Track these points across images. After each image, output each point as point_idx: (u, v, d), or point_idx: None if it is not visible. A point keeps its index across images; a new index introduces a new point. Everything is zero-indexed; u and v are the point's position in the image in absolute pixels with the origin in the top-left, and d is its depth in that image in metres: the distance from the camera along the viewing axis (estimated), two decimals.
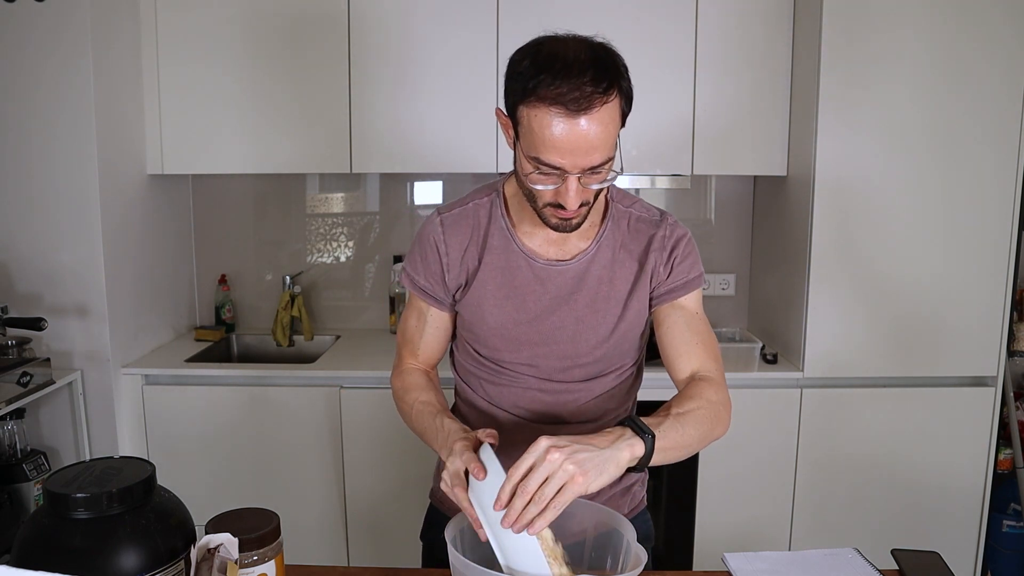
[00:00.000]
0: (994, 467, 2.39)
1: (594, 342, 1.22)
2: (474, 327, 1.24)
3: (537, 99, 0.99)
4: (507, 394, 1.26)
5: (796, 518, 2.40)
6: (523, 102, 1.01)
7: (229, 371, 2.42)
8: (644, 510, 1.37)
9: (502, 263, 1.21)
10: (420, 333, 1.29)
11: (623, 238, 1.22)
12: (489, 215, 1.23)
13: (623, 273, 1.22)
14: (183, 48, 2.43)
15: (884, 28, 2.18)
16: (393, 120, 2.44)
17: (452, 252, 1.22)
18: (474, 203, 1.24)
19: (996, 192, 2.25)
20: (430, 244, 1.23)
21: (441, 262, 1.23)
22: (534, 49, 1.03)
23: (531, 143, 1.02)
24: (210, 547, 0.86)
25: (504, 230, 1.21)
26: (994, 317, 2.31)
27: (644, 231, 1.23)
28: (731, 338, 2.53)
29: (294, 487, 2.39)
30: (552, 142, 1.00)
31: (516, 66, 1.03)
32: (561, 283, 1.20)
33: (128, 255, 2.39)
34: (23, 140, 2.19)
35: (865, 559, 1.22)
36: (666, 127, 2.44)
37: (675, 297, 1.22)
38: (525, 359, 1.23)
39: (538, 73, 0.99)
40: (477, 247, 1.22)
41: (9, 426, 2.15)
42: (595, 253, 1.21)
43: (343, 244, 2.90)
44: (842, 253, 2.28)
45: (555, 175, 1.03)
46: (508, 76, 1.05)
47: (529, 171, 1.05)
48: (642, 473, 1.35)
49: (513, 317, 1.21)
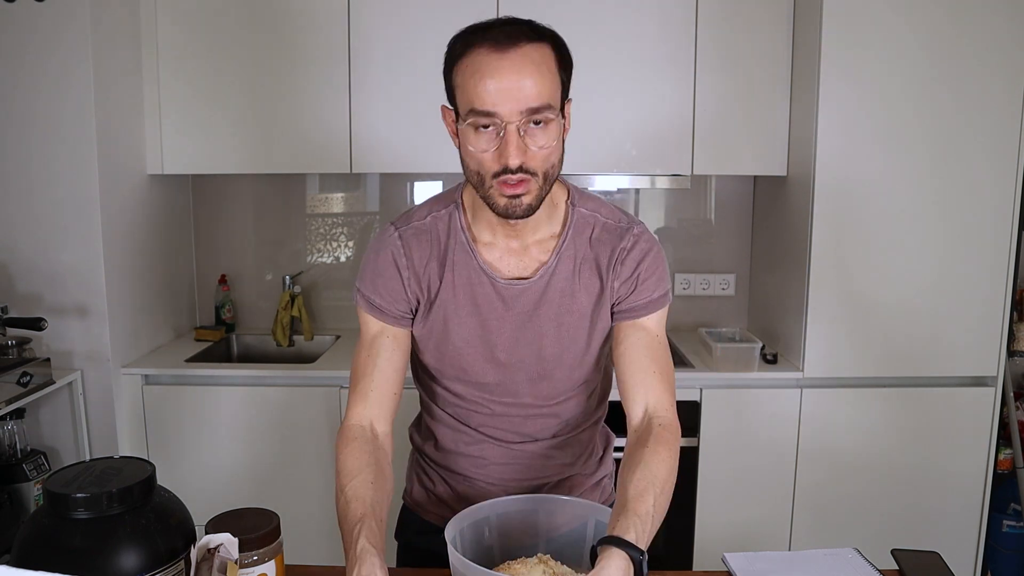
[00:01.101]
0: (994, 467, 2.39)
1: (562, 358, 1.18)
2: (440, 346, 1.18)
3: (467, 48, 1.01)
4: (474, 416, 1.24)
5: (796, 518, 2.40)
6: (455, 64, 1.03)
7: (229, 371, 2.42)
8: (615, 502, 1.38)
9: (463, 280, 1.15)
10: (372, 365, 1.16)
11: (585, 249, 1.16)
12: (448, 229, 1.17)
13: (585, 284, 1.16)
14: (183, 48, 2.43)
15: (884, 28, 2.18)
16: (393, 120, 2.44)
17: (414, 266, 1.16)
18: (432, 216, 1.18)
19: (996, 192, 2.25)
20: (387, 260, 1.16)
21: (401, 276, 1.16)
22: (463, 28, 1.06)
23: (465, 97, 1.01)
24: (210, 547, 0.86)
25: (464, 244, 1.15)
26: (994, 317, 2.31)
27: (608, 242, 1.16)
28: (731, 338, 2.52)
29: (294, 487, 2.39)
30: (483, 85, 0.98)
31: (448, 47, 1.06)
32: (524, 301, 1.16)
33: (128, 255, 2.39)
34: (23, 140, 2.19)
35: (865, 559, 1.22)
36: (666, 127, 2.44)
37: (637, 316, 1.16)
38: (492, 378, 1.19)
39: (465, 35, 1.03)
40: (438, 262, 1.16)
41: (9, 426, 2.15)
42: (555, 266, 1.15)
43: (343, 244, 2.91)
44: (842, 253, 2.28)
45: (493, 130, 1.00)
46: (444, 62, 1.06)
47: (468, 135, 1.02)
48: (611, 468, 1.38)
49: (479, 334, 1.16)
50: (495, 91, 0.98)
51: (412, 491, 1.38)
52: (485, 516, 1.10)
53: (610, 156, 2.45)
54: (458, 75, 1.02)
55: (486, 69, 0.98)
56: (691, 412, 2.33)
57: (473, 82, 0.99)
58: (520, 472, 1.26)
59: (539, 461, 1.26)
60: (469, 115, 1.01)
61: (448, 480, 1.30)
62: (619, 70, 2.39)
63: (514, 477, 1.26)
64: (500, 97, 0.98)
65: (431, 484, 1.33)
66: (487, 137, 1.01)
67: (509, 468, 1.26)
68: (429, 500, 1.33)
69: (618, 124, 2.43)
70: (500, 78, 0.98)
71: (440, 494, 1.31)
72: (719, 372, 2.36)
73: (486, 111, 0.99)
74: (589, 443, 1.32)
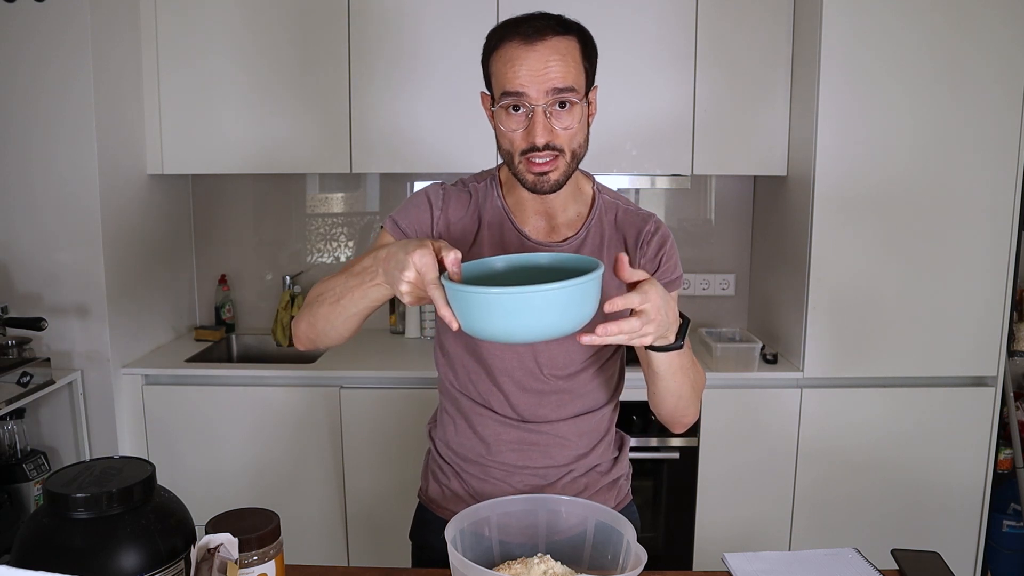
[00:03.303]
0: (994, 467, 2.39)
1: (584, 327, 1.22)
2: None
3: (500, 40, 1.11)
4: (491, 395, 1.26)
5: (796, 518, 2.40)
6: (492, 53, 1.13)
7: (229, 371, 2.42)
8: (631, 503, 1.38)
9: (497, 239, 1.23)
10: None
11: (611, 229, 1.25)
12: (486, 195, 1.26)
13: (611, 259, 1.22)
14: (183, 48, 2.43)
15: (884, 28, 2.18)
16: (393, 120, 2.44)
17: (447, 214, 1.24)
18: (472, 184, 1.28)
19: (996, 192, 2.25)
20: (425, 201, 1.24)
21: (432, 213, 1.23)
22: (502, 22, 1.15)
23: (499, 82, 1.12)
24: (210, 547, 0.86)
25: (500, 209, 1.24)
26: (994, 317, 2.31)
27: (633, 224, 1.26)
28: (731, 338, 2.53)
29: (294, 487, 2.39)
30: (512, 69, 1.09)
31: (487, 38, 1.15)
32: None
33: (128, 255, 2.39)
34: (23, 140, 2.19)
35: (865, 559, 1.22)
36: (666, 127, 2.44)
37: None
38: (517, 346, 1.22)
39: (504, 28, 1.12)
40: (473, 222, 1.24)
41: (9, 426, 2.15)
42: (585, 237, 1.23)
43: (343, 244, 2.91)
44: (842, 253, 2.28)
45: (523, 112, 1.10)
46: (482, 52, 1.16)
47: (501, 116, 1.12)
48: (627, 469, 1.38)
49: None
50: (524, 74, 1.08)
51: (427, 488, 1.38)
52: (485, 516, 1.10)
53: (610, 156, 2.45)
54: (493, 64, 1.13)
55: (516, 57, 1.09)
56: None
57: (504, 68, 1.10)
58: (534, 458, 1.26)
59: (555, 446, 1.26)
60: (502, 98, 1.11)
61: (462, 473, 1.31)
62: (619, 70, 2.39)
63: (527, 464, 1.26)
64: (528, 79, 1.08)
65: (445, 479, 1.34)
66: (517, 118, 1.11)
67: (523, 453, 1.26)
68: (444, 496, 1.34)
69: (618, 124, 2.43)
70: (529, 64, 1.08)
71: (455, 489, 1.32)
72: (719, 372, 2.36)
73: (515, 91, 1.09)
74: (604, 432, 1.31)
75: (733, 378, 2.35)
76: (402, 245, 0.97)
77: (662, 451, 2.35)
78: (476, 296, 0.84)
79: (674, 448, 2.35)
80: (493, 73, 1.13)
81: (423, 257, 0.93)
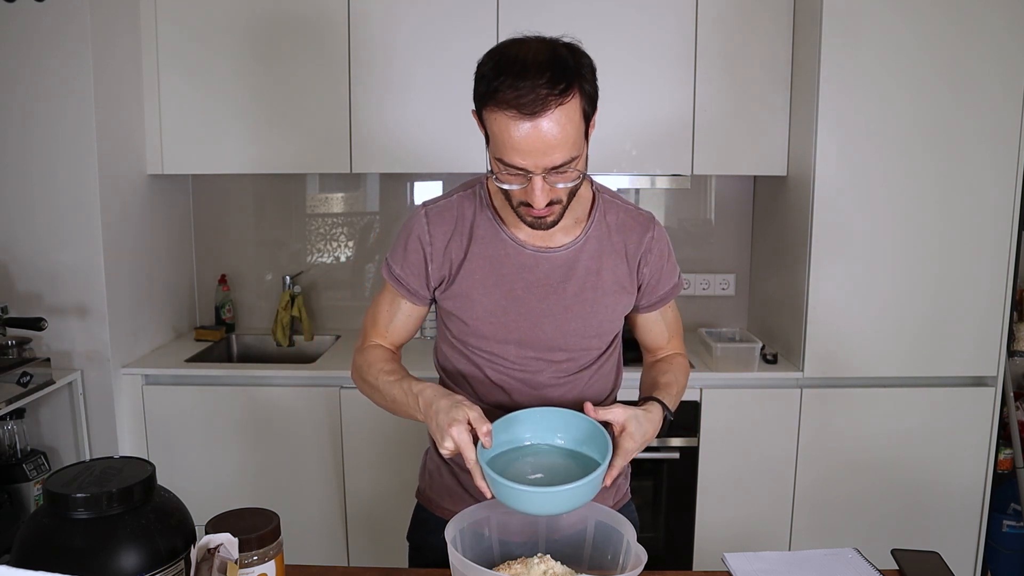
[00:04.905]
0: (994, 467, 2.39)
1: (581, 331, 1.23)
2: (463, 315, 1.24)
3: (495, 103, 1.03)
4: (491, 391, 1.26)
5: (796, 518, 2.40)
6: (485, 107, 1.06)
7: (229, 371, 2.42)
8: (629, 502, 1.39)
9: (490, 252, 1.22)
10: (391, 317, 1.31)
11: (610, 231, 1.25)
12: (475, 207, 1.24)
13: (611, 265, 1.24)
14: (183, 48, 2.43)
15: (884, 28, 2.18)
16: (393, 120, 2.44)
17: (436, 243, 1.23)
18: (459, 196, 1.27)
19: (996, 192, 2.25)
20: (414, 237, 1.24)
21: (424, 253, 1.23)
22: (498, 53, 1.06)
23: (495, 145, 1.07)
24: (210, 547, 0.86)
25: (491, 220, 1.23)
26: (994, 317, 2.31)
27: (634, 228, 1.26)
28: (731, 338, 2.53)
29: (294, 487, 2.39)
30: (511, 144, 1.03)
31: (480, 69, 1.07)
32: (549, 270, 1.22)
33: (128, 255, 2.39)
34: (23, 140, 2.19)
35: (865, 559, 1.22)
36: (666, 127, 2.44)
37: (664, 303, 1.32)
38: (513, 348, 1.23)
39: (497, 76, 1.02)
40: (463, 237, 1.23)
41: (9, 426, 2.15)
42: (583, 243, 1.23)
43: (343, 244, 2.91)
44: (842, 253, 2.28)
45: (520, 175, 1.06)
46: (475, 80, 1.08)
47: (497, 171, 1.08)
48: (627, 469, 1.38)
49: (502, 305, 1.22)
50: (522, 152, 1.04)
51: (425, 488, 1.39)
52: (485, 516, 1.10)
53: (610, 156, 2.45)
54: (488, 117, 1.06)
55: (514, 132, 1.02)
56: (691, 412, 2.33)
57: (502, 139, 1.04)
58: None
59: None
60: (497, 160, 1.07)
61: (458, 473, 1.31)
62: (619, 70, 2.39)
63: None
64: (526, 157, 1.04)
65: (442, 478, 1.34)
66: (516, 178, 1.08)
67: None
68: (441, 495, 1.34)
69: (618, 124, 2.43)
70: (527, 143, 1.03)
71: (452, 488, 1.32)
72: (719, 372, 2.36)
73: (513, 165, 1.05)
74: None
75: (733, 378, 2.35)
76: (443, 409, 1.06)
77: (662, 451, 2.35)
78: (511, 490, 0.99)
79: (674, 448, 2.35)
80: (488, 127, 1.07)
81: (460, 435, 1.03)
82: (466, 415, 1.04)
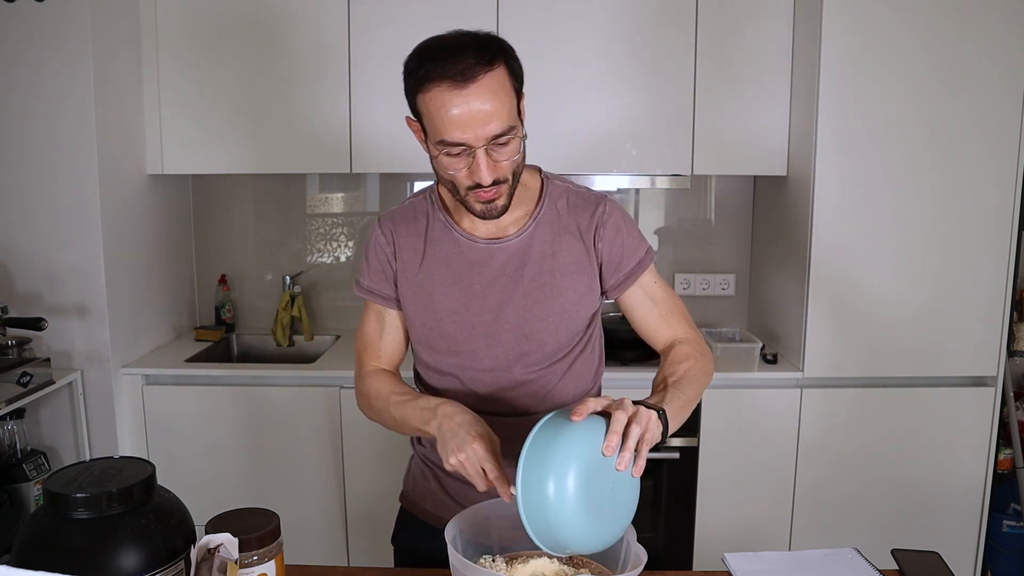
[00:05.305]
0: (994, 467, 2.39)
1: (544, 316, 1.23)
2: (427, 318, 1.25)
3: (428, 83, 1.06)
4: (469, 397, 1.26)
5: (796, 518, 2.40)
6: (418, 93, 1.09)
7: (229, 371, 2.42)
8: None
9: (444, 252, 1.24)
10: (380, 334, 1.32)
11: (562, 215, 1.25)
12: (427, 209, 1.28)
13: (566, 247, 1.24)
14: (183, 48, 2.43)
15: (884, 28, 2.18)
16: (393, 120, 2.43)
17: (399, 244, 1.26)
18: (411, 201, 1.30)
19: (996, 192, 2.25)
20: (372, 245, 1.29)
21: (385, 254, 1.27)
22: (420, 47, 1.11)
23: (434, 128, 1.09)
24: (210, 547, 0.86)
25: (443, 221, 1.26)
26: (994, 317, 2.31)
27: (585, 207, 1.26)
28: (731, 338, 2.52)
29: (294, 487, 2.39)
30: (449, 119, 1.06)
31: (407, 66, 1.11)
32: (505, 260, 1.23)
33: (128, 255, 2.39)
34: (23, 140, 2.19)
35: (865, 559, 1.22)
36: (666, 127, 2.44)
37: (635, 279, 1.27)
38: (482, 343, 1.23)
39: (424, 62, 1.07)
40: (420, 239, 1.26)
41: (9, 426, 2.15)
42: (534, 228, 1.24)
43: (343, 244, 2.91)
44: (842, 253, 2.28)
45: (463, 154, 1.08)
46: (404, 78, 1.11)
47: (440, 157, 1.10)
48: None
49: (463, 301, 1.23)
50: (461, 124, 1.06)
51: (408, 492, 1.39)
52: (485, 516, 1.10)
53: (610, 156, 2.45)
54: (422, 104, 1.09)
55: (450, 104, 1.05)
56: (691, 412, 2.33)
57: (439, 117, 1.07)
58: (512, 452, 1.25)
59: None
60: (440, 144, 1.09)
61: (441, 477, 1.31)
62: (620, 70, 2.39)
63: (506, 461, 1.25)
64: (466, 129, 1.06)
65: (425, 482, 1.34)
66: (459, 160, 1.10)
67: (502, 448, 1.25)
68: (424, 499, 1.34)
69: (618, 124, 2.43)
70: (464, 114, 1.05)
71: (433, 491, 1.32)
72: (719, 372, 2.33)
73: (455, 142, 1.07)
74: None
75: (733, 378, 2.35)
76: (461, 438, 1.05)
77: (662, 451, 2.35)
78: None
79: (674, 448, 2.35)
80: (424, 114, 1.10)
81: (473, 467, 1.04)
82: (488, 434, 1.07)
